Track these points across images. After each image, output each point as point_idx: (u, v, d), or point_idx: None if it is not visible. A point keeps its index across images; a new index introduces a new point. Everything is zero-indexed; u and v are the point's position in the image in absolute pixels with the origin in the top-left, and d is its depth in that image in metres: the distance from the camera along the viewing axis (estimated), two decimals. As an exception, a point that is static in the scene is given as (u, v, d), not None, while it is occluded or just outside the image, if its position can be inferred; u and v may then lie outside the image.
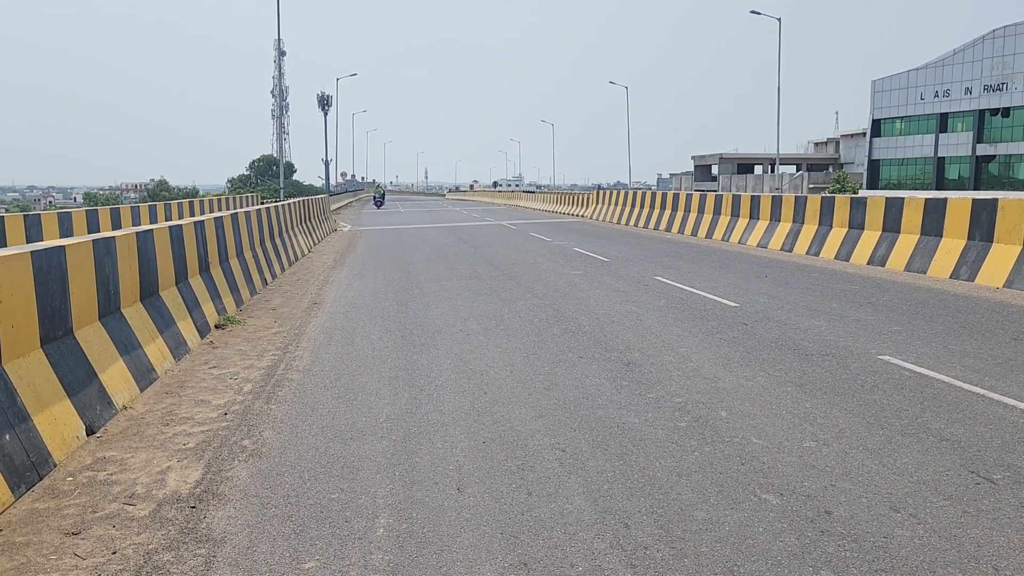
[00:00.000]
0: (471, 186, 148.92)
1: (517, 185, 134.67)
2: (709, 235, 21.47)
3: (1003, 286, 11.18)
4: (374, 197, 60.33)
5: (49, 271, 5.17)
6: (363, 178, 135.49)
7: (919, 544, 3.59)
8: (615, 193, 31.77)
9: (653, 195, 27.40)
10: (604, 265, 14.94)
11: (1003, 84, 56.21)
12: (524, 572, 3.42)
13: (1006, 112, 56.94)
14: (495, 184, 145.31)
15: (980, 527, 3.75)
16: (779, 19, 46.80)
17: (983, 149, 58.61)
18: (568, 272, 13.90)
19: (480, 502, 4.13)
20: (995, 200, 11.93)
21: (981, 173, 59.26)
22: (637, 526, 3.82)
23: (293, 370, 7.07)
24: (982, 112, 58.29)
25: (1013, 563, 3.41)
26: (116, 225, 19.97)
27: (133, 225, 15.66)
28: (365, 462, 4.74)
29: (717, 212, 21.74)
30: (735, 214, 20.66)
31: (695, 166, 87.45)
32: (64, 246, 5.45)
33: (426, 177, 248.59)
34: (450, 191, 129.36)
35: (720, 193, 22.17)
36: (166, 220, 15.86)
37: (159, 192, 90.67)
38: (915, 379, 6.36)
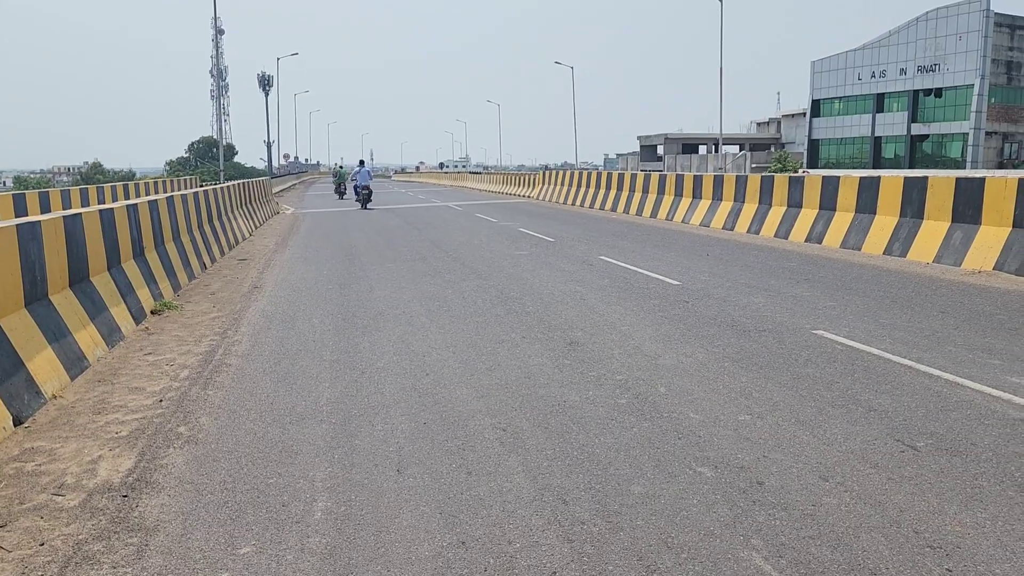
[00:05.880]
0: (417, 167, 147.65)
1: (464, 166, 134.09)
2: (654, 215, 21.69)
3: (932, 261, 11.56)
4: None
5: (-31, 257, 4.97)
6: (307, 160, 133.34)
7: (845, 511, 3.71)
8: (562, 174, 31.85)
9: (599, 175, 27.55)
10: (549, 245, 15.00)
11: (935, 65, 57.80)
12: (462, 550, 3.43)
13: (938, 92, 58.60)
14: (442, 165, 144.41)
15: (903, 493, 3.89)
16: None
17: (917, 129, 60.28)
18: (513, 253, 13.92)
19: (420, 483, 4.13)
20: (925, 178, 12.30)
21: (916, 152, 60.99)
22: (575, 502, 3.86)
23: (232, 355, 6.95)
24: (916, 92, 59.88)
25: (932, 526, 3.55)
26: (45, 209, 19.32)
27: (64, 209, 15.15)
28: (304, 446, 4.70)
29: (661, 192, 21.97)
30: (679, 194, 20.91)
31: (641, 146, 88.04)
32: (-15, 231, 5.25)
33: (372, 158, 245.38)
34: (396, 172, 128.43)
35: (664, 173, 22.42)
36: (98, 204, 15.37)
37: (93, 175, 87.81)
38: (847, 352, 6.55)
